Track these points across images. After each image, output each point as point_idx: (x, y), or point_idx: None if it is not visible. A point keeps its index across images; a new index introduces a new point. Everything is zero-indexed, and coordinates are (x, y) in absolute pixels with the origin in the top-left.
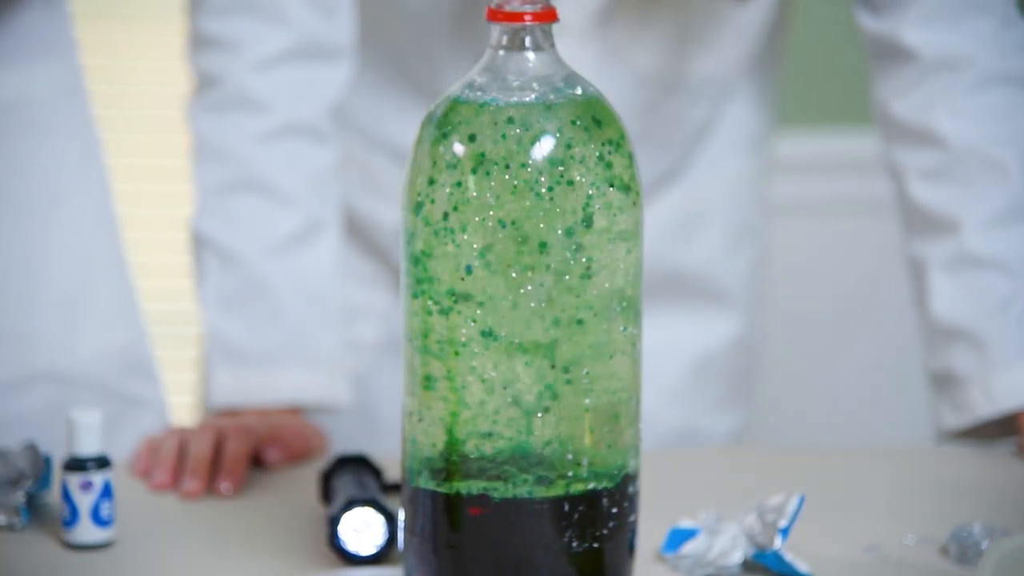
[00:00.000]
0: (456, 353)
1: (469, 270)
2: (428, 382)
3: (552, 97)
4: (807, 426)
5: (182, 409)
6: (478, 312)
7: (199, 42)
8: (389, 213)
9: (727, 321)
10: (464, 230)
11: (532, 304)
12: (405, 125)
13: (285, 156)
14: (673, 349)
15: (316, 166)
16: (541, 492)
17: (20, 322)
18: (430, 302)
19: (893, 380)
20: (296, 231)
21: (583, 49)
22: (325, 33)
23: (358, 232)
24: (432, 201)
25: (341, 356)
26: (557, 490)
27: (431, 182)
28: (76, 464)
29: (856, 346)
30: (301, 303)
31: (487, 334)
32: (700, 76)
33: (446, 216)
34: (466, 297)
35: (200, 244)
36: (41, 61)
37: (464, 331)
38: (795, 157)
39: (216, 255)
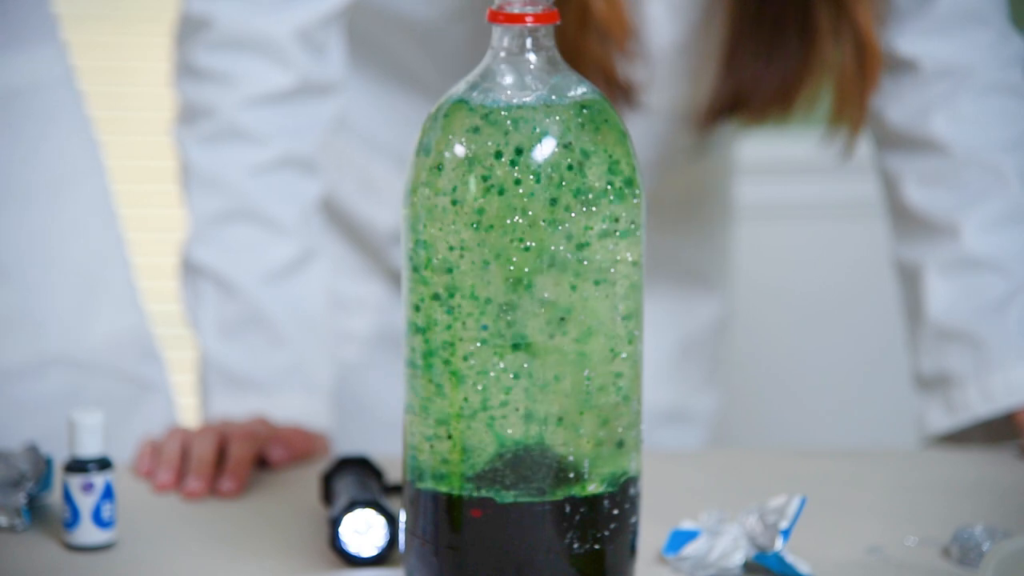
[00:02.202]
0: (457, 355)
1: (468, 271)
2: (429, 384)
3: (553, 98)
4: (798, 423)
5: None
6: (479, 314)
7: (191, 72)
8: (386, 216)
9: (707, 302)
10: (464, 230)
11: (533, 305)
12: (403, 130)
13: (279, 187)
14: (657, 331)
15: (307, 197)
16: (542, 494)
17: (34, 307)
18: (430, 304)
19: (882, 378)
20: (291, 260)
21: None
22: (318, 72)
23: (354, 231)
24: (432, 202)
25: (330, 382)
26: (558, 492)
27: (431, 183)
28: (77, 465)
29: (843, 345)
30: (297, 331)
31: (488, 336)
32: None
33: (447, 217)
34: (465, 298)
35: (195, 272)
36: (42, 47)
37: (465, 333)
38: (776, 159)
39: (213, 283)
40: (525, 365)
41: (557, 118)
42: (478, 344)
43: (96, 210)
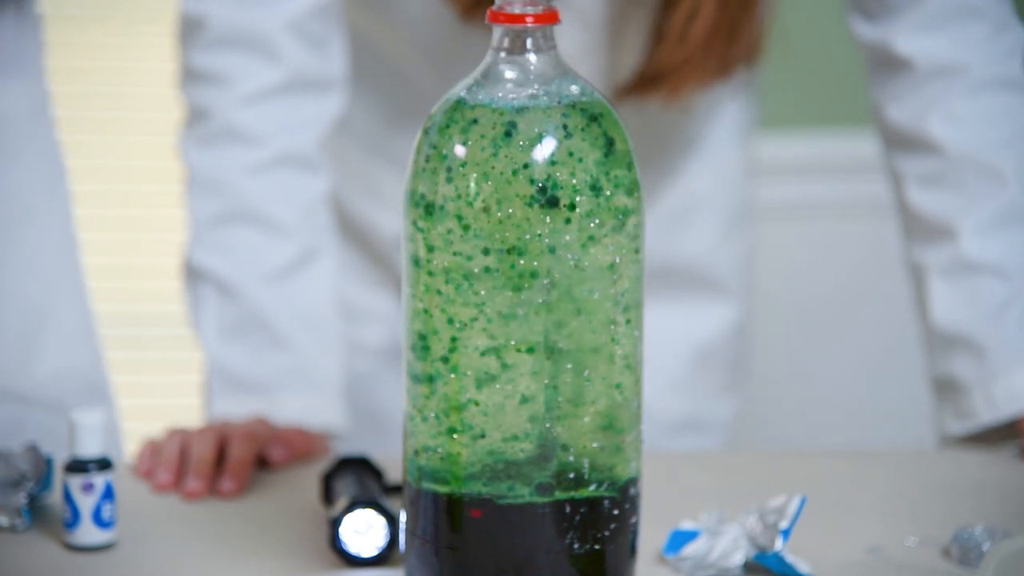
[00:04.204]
0: (456, 356)
1: (469, 272)
2: (428, 385)
3: (553, 99)
4: (807, 425)
5: (185, 412)
6: (478, 315)
7: (190, 75)
8: (390, 221)
9: (724, 309)
10: (464, 232)
11: (533, 307)
12: (406, 135)
13: (278, 186)
14: (673, 339)
15: (309, 195)
16: (542, 494)
17: None
18: (430, 305)
19: (890, 378)
20: (291, 260)
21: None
22: (316, 67)
23: (360, 239)
24: (432, 203)
25: (339, 381)
26: (559, 492)
27: (432, 183)
28: (77, 466)
29: (854, 346)
30: (299, 331)
31: (487, 337)
32: (698, 97)
33: (446, 218)
34: (466, 300)
35: (196, 275)
36: (12, 79)
37: (464, 334)
38: (789, 159)
39: (213, 286)
40: (525, 365)
41: (557, 118)
42: (478, 344)
43: (54, 248)
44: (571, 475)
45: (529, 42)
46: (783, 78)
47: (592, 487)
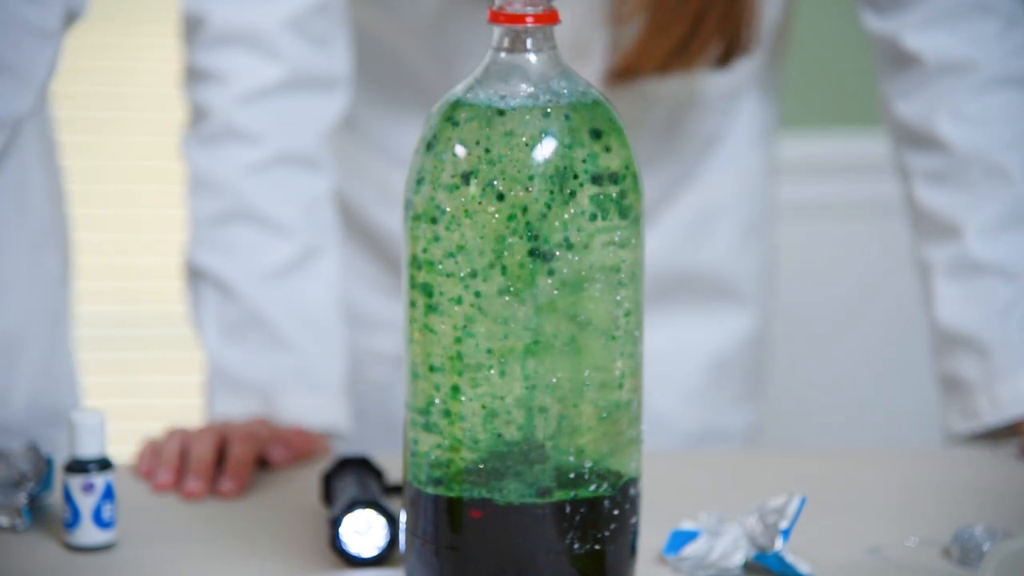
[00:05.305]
0: (456, 355)
1: (469, 273)
2: (428, 384)
3: (553, 99)
4: (816, 427)
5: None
6: (478, 315)
7: (192, 74)
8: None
9: (742, 318)
10: (464, 232)
11: (533, 307)
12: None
13: (277, 185)
14: (690, 350)
15: (310, 194)
16: (543, 495)
17: None
18: (429, 304)
19: (900, 380)
20: (291, 259)
21: (593, 71)
22: (317, 64)
23: (376, 245)
24: (432, 203)
25: (341, 380)
26: (559, 493)
27: (431, 184)
28: (78, 466)
29: (863, 347)
30: (299, 330)
31: (487, 337)
32: (712, 92)
33: (445, 218)
34: (466, 299)
35: (196, 275)
36: None
37: (464, 334)
38: (801, 159)
39: (213, 286)
40: (525, 365)
41: (557, 118)
42: (478, 344)
43: (25, 275)
44: (571, 475)
45: (529, 42)
46: (800, 76)
47: (592, 487)
